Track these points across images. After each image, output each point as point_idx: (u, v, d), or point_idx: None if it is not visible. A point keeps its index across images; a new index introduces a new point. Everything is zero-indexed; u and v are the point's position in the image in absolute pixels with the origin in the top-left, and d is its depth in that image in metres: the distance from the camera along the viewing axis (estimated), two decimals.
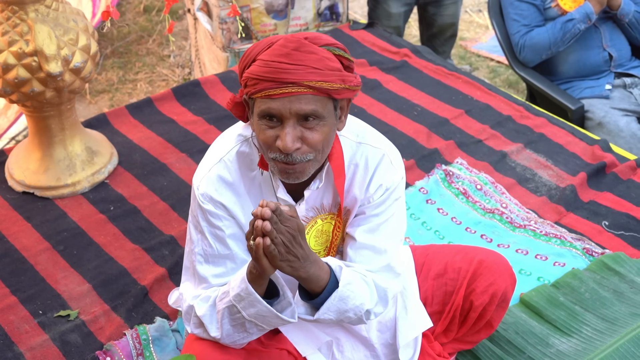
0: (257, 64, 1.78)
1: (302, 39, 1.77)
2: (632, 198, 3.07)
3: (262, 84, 1.76)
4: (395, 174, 2.00)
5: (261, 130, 1.81)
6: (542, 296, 2.61)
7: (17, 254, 2.86)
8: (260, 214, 1.70)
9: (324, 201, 2.02)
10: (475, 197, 3.10)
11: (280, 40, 1.78)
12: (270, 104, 1.76)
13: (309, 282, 1.84)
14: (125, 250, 2.87)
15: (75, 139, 3.19)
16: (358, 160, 1.98)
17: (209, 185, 1.94)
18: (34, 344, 2.51)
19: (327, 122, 1.81)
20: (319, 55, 1.76)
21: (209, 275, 1.99)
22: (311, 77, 1.74)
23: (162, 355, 2.45)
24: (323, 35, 1.82)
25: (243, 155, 1.96)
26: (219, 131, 3.49)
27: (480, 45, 5.29)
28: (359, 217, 2.02)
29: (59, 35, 2.86)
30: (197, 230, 1.99)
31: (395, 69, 3.94)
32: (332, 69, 1.77)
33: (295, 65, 1.74)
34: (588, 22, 3.67)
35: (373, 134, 2.03)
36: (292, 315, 1.88)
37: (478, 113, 3.61)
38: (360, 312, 1.93)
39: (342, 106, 1.87)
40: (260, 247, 1.72)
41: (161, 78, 4.88)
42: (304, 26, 4.22)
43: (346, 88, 1.80)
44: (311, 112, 1.77)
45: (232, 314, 1.90)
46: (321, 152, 1.84)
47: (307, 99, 1.76)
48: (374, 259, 1.99)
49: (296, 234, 1.75)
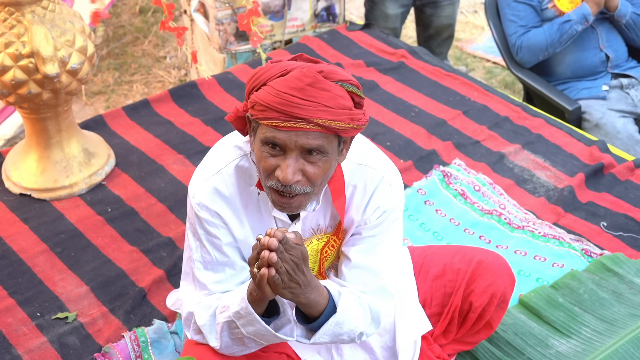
0: (267, 91, 1.75)
1: (318, 73, 1.74)
2: (630, 199, 3.08)
3: (270, 113, 1.73)
4: (393, 196, 1.99)
5: (262, 157, 1.79)
6: (541, 297, 2.61)
7: (14, 256, 2.85)
8: (267, 245, 1.69)
9: (320, 222, 2.02)
10: (474, 198, 3.10)
11: (295, 72, 1.74)
12: (276, 134, 1.74)
13: (308, 307, 1.85)
14: (123, 252, 2.87)
15: (72, 141, 3.18)
16: (357, 182, 1.98)
17: (205, 196, 1.94)
18: (32, 346, 2.50)
19: (330, 158, 1.80)
20: (332, 93, 1.74)
21: (209, 282, 1.99)
22: (322, 115, 1.72)
23: (161, 357, 2.45)
24: (338, 70, 1.79)
25: (242, 169, 1.95)
26: (216, 132, 3.49)
27: (476, 46, 5.29)
28: (355, 236, 2.02)
29: (55, 37, 2.85)
30: (195, 237, 1.99)
31: (392, 70, 3.94)
32: (343, 107, 1.75)
33: (307, 102, 1.72)
34: (585, 23, 3.67)
35: (374, 154, 2.02)
36: (290, 333, 1.89)
37: (475, 114, 3.61)
38: (354, 335, 1.94)
39: (346, 141, 1.86)
40: (265, 278, 1.72)
41: (157, 79, 4.87)
42: (300, 27, 4.22)
43: (353, 127, 1.78)
44: (317, 147, 1.76)
45: (231, 328, 1.91)
46: (319, 186, 1.83)
47: (314, 135, 1.74)
48: (368, 280, 2.00)
49: (300, 262, 1.75)
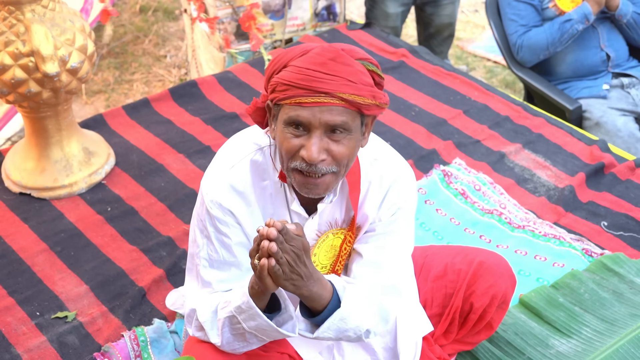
0: (289, 70, 1.75)
1: (339, 49, 1.75)
2: (631, 198, 3.07)
3: (293, 91, 1.73)
4: (408, 193, 1.99)
5: (285, 138, 1.78)
6: (542, 297, 2.61)
7: (14, 255, 2.85)
8: (267, 235, 1.68)
9: (337, 216, 2.00)
10: (474, 197, 3.10)
11: (316, 49, 1.75)
12: (299, 112, 1.74)
13: (311, 300, 1.83)
14: (123, 252, 2.86)
15: (72, 140, 3.18)
16: (373, 178, 1.97)
17: (219, 192, 1.92)
18: (31, 345, 2.49)
19: (354, 137, 1.79)
20: (354, 68, 1.74)
21: (213, 280, 1.98)
22: (345, 89, 1.72)
23: (160, 357, 2.44)
24: (359, 49, 1.80)
25: (256, 164, 1.94)
26: (216, 131, 3.48)
27: (477, 45, 5.29)
28: (368, 233, 2.01)
29: (55, 36, 2.85)
30: (203, 234, 1.97)
31: (392, 69, 3.94)
32: (365, 83, 1.75)
33: (330, 76, 1.72)
34: (586, 23, 3.67)
35: (389, 152, 2.02)
36: (292, 329, 1.88)
37: (476, 113, 3.61)
38: (360, 332, 1.92)
39: (367, 123, 1.85)
40: (265, 268, 1.70)
41: (157, 78, 4.87)
42: (300, 26, 4.22)
43: (376, 104, 1.78)
44: (341, 124, 1.75)
45: (233, 324, 1.89)
46: (345, 166, 1.82)
47: (338, 111, 1.74)
48: (378, 277, 1.98)
49: (301, 254, 1.73)
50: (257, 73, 3.88)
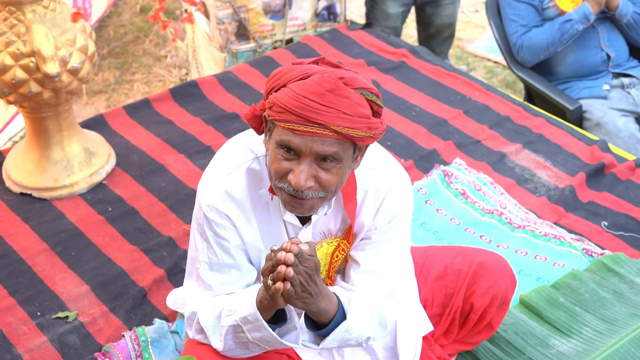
0: (287, 93, 1.74)
1: (339, 79, 1.73)
2: (631, 198, 3.07)
3: (288, 116, 1.72)
4: (404, 201, 2.00)
5: (276, 159, 1.78)
6: (542, 297, 2.61)
7: (15, 255, 2.85)
8: (284, 260, 1.69)
9: (331, 226, 2.01)
10: (474, 197, 3.10)
11: (316, 77, 1.73)
12: (292, 138, 1.73)
13: (318, 315, 1.84)
14: (124, 252, 2.86)
15: (73, 140, 3.18)
16: (368, 187, 1.97)
17: (215, 197, 1.93)
18: (32, 345, 2.50)
19: (344, 165, 1.79)
20: (351, 100, 1.73)
21: (214, 283, 1.99)
22: (339, 122, 1.71)
23: (161, 357, 2.45)
24: (359, 78, 1.77)
25: (253, 172, 1.94)
26: (217, 132, 3.48)
27: (477, 45, 5.29)
28: (364, 241, 2.02)
29: (56, 36, 2.85)
30: (203, 238, 1.98)
31: (393, 70, 3.94)
32: (362, 115, 1.74)
33: (326, 107, 1.71)
34: (586, 23, 3.67)
35: (385, 159, 2.02)
36: (295, 340, 1.89)
37: (476, 113, 3.61)
38: (362, 339, 1.94)
39: (361, 148, 1.85)
40: (280, 291, 1.72)
41: (158, 79, 4.87)
42: (301, 27, 4.22)
43: (370, 136, 1.77)
44: (332, 155, 1.75)
45: (237, 332, 1.90)
46: (333, 192, 1.82)
47: (330, 142, 1.73)
48: (376, 285, 1.99)
49: (313, 273, 1.74)
50: (258, 73, 3.88)
